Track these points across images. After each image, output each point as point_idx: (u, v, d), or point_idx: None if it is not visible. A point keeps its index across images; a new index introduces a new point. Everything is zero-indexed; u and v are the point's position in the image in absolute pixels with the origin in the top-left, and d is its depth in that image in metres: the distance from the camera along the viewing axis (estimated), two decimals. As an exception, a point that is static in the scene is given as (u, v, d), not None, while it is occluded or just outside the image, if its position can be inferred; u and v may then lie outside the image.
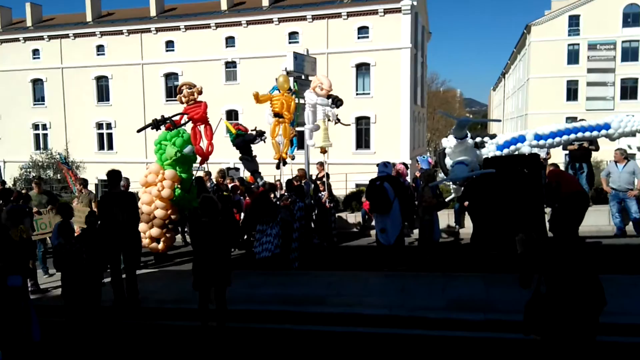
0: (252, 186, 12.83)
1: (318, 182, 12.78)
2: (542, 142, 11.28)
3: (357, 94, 33.60)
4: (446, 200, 11.95)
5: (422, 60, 38.86)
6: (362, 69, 33.73)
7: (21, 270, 6.40)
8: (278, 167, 12.76)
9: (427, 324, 6.89)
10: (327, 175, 12.99)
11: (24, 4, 43.19)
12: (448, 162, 11.31)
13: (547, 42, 45.75)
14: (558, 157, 14.31)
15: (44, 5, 43.96)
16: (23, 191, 13.52)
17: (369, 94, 33.64)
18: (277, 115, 12.09)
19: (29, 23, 42.62)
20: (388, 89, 32.80)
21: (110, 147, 38.76)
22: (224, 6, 37.39)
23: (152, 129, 11.77)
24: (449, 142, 10.67)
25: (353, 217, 14.23)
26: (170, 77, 37.52)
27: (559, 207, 9.83)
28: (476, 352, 6.11)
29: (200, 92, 12.17)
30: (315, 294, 8.15)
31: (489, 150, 11.53)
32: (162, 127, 11.74)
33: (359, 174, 22.31)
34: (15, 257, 6.25)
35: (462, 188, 10.90)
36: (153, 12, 39.03)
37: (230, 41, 35.77)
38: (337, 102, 12.23)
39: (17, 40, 40.97)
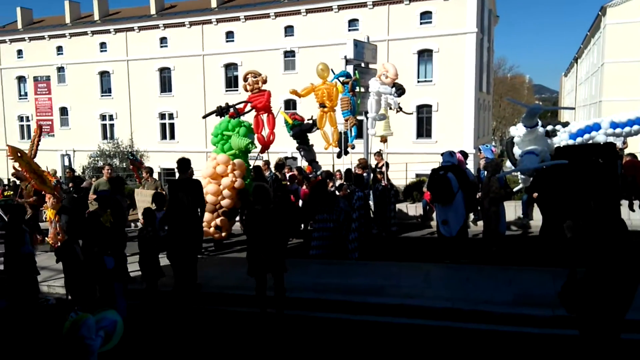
0: (310, 175, 12.83)
1: (377, 171, 12.55)
2: (618, 130, 10.63)
3: (418, 82, 32.88)
4: (514, 190, 11.47)
5: (489, 45, 37.56)
6: (424, 55, 32.94)
7: (114, 253, 7.08)
8: (339, 156, 12.66)
9: (491, 319, 6.60)
10: (387, 164, 12.78)
11: (92, -2, 44.70)
12: (517, 151, 10.87)
13: (624, 24, 43.00)
14: (635, 146, 13.49)
15: (110, 0, 45.37)
16: (93, 180, 14.10)
17: (431, 81, 32.83)
18: (321, 105, 12.01)
19: (96, 17, 44.14)
20: (451, 75, 31.89)
21: (172, 137, 39.79)
22: (283, -5, 37.49)
23: (216, 115, 12.03)
24: (517, 131, 10.26)
25: (413, 208, 13.90)
26: (230, 67, 37.96)
27: None
28: (543, 350, 5.79)
29: (264, 81, 12.30)
30: (374, 284, 7.98)
31: (561, 139, 10.99)
32: (226, 115, 11.85)
33: (420, 164, 21.90)
34: (108, 241, 6.82)
35: (531, 179, 10.42)
36: (214, 4, 39.55)
37: (289, 30, 35.82)
38: (399, 90, 11.99)
39: (85, 34, 42.52)
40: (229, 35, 37.68)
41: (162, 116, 40.15)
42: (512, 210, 12.28)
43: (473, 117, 32.07)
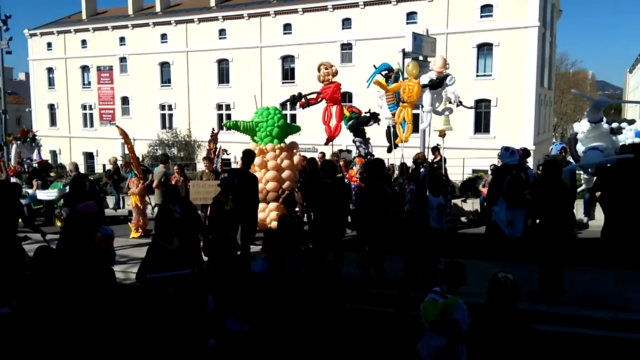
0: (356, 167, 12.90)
1: (435, 166, 12.43)
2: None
3: (477, 76, 32.20)
4: (577, 190, 11.12)
5: (551, 40, 36.28)
6: (484, 49, 32.16)
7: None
8: (389, 151, 12.68)
9: (553, 320, 6.45)
10: (444, 159, 12.68)
11: (154, -10, 45.55)
12: (580, 148, 10.54)
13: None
14: None
15: (171, -9, 46.41)
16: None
17: (490, 75, 32.04)
18: (403, 100, 11.87)
19: (158, 9, 45.09)
20: (512, 70, 31.03)
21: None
22: (341, -13, 37.36)
23: (290, 104, 12.99)
24: (581, 127, 9.96)
25: (470, 204, 13.65)
26: (286, 59, 38.20)
27: None
28: (604, 352, 5.66)
29: (334, 74, 12.66)
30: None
31: (627, 137, 10.60)
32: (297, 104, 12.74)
33: (477, 159, 21.50)
34: (229, 226, 6.78)
35: (594, 178, 10.06)
36: (273, -4, 39.91)
37: (346, 23, 35.71)
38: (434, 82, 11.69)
39: (147, 25, 43.43)
40: (287, 27, 37.90)
41: (220, 107, 40.80)
42: (574, 209, 11.88)
43: (534, 113, 31.12)
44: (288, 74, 38.02)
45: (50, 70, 48.72)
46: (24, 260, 7.51)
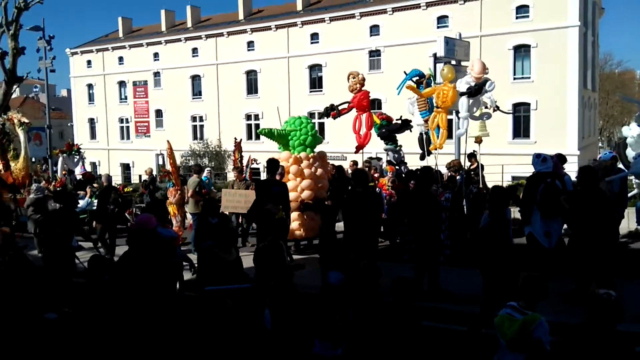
0: (389, 176, 12.62)
1: (471, 174, 11.85)
2: None
3: (514, 79, 31.02)
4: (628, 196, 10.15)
5: (593, 40, 34.68)
6: (521, 51, 30.95)
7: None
8: (422, 158, 12.44)
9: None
10: (481, 166, 12.23)
11: (185, 6, 46.56)
12: (630, 153, 9.70)
13: None
14: None
15: (202, 7, 47.15)
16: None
17: (529, 78, 30.77)
18: (437, 106, 11.61)
19: (189, 24, 45.89)
20: (552, 72, 29.67)
21: (258, 137, 40.26)
22: (369, -6, 36.96)
23: (323, 115, 13.63)
24: (631, 131, 9.12)
25: (511, 213, 12.80)
26: (314, 68, 37.93)
27: None
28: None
29: (362, 82, 12.90)
30: (471, 292, 7.26)
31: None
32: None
33: (516, 166, 20.62)
34: (279, 235, 6.95)
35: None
36: (299, 7, 39.86)
37: (374, 30, 35.14)
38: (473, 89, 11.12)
39: (179, 40, 44.26)
40: (314, 36, 37.68)
41: (248, 117, 40.86)
42: (625, 218, 10.81)
43: (577, 116, 29.63)
44: (316, 83, 37.77)
45: (90, 86, 50.38)
46: (74, 268, 7.79)
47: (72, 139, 42.29)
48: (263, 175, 18.19)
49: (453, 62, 12.39)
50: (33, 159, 17.84)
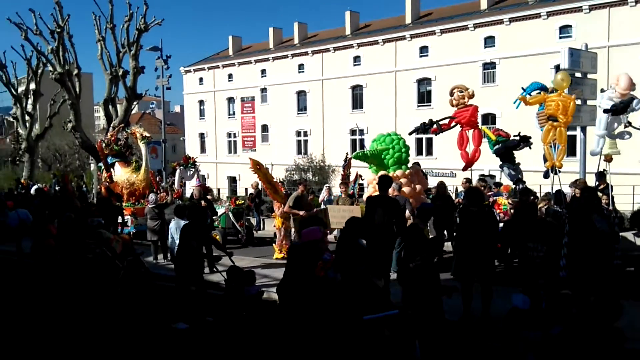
0: (504, 195, 12.37)
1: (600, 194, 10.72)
2: None
3: (649, 93, 27.98)
4: None
5: None
6: (660, 61, 27.98)
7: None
8: (546, 176, 11.45)
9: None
10: (610, 186, 11.49)
11: (292, 23, 47.65)
12: None
13: None
14: None
15: (309, 24, 47.85)
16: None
17: (672, 90, 27.62)
18: (550, 118, 10.69)
19: (296, 40, 46.71)
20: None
21: (362, 153, 39.68)
22: (483, 5, 35.33)
23: (420, 132, 13.05)
24: None
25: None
26: (422, 82, 36.87)
27: None
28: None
29: (471, 96, 12.49)
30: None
31: None
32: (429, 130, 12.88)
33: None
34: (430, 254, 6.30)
35: None
36: (408, 20, 39.02)
37: (489, 41, 33.47)
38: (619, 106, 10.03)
39: (286, 57, 45.16)
40: (423, 50, 36.64)
41: (353, 132, 40.54)
42: None
43: None
44: (424, 97, 36.61)
45: (201, 102, 52.97)
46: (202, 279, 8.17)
47: (185, 153, 44.49)
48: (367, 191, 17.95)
49: (578, 75, 11.56)
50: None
